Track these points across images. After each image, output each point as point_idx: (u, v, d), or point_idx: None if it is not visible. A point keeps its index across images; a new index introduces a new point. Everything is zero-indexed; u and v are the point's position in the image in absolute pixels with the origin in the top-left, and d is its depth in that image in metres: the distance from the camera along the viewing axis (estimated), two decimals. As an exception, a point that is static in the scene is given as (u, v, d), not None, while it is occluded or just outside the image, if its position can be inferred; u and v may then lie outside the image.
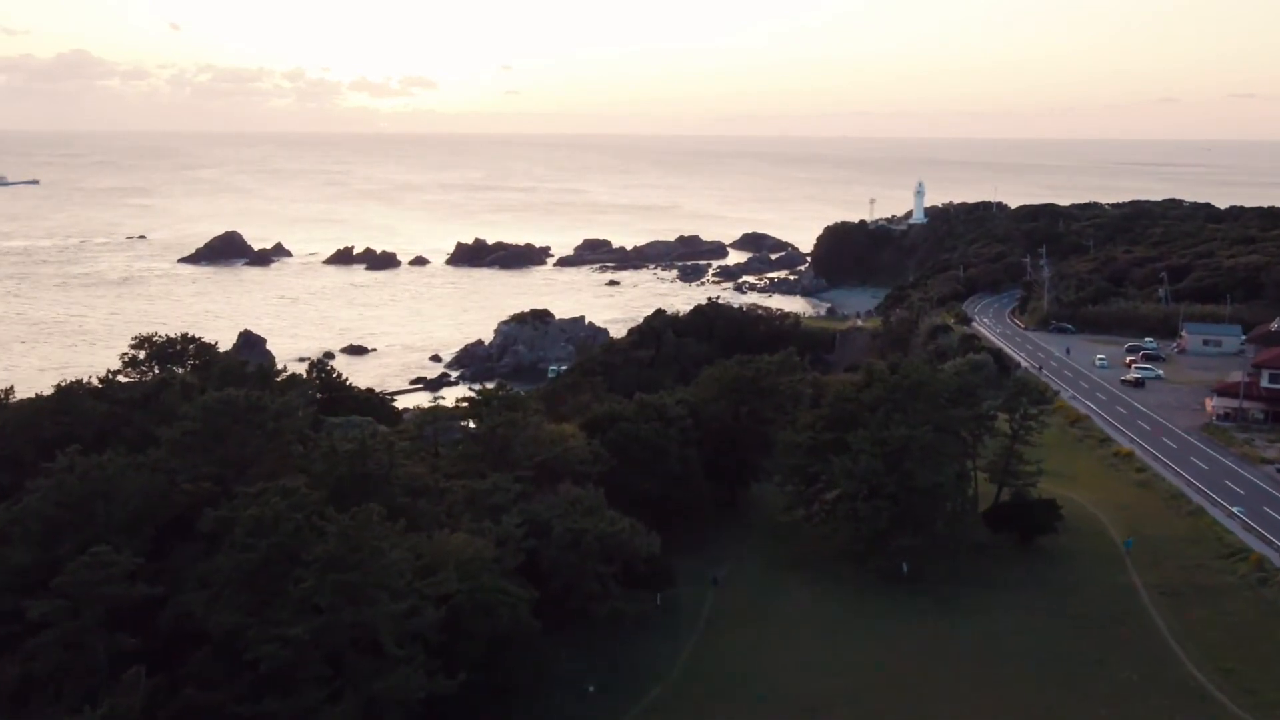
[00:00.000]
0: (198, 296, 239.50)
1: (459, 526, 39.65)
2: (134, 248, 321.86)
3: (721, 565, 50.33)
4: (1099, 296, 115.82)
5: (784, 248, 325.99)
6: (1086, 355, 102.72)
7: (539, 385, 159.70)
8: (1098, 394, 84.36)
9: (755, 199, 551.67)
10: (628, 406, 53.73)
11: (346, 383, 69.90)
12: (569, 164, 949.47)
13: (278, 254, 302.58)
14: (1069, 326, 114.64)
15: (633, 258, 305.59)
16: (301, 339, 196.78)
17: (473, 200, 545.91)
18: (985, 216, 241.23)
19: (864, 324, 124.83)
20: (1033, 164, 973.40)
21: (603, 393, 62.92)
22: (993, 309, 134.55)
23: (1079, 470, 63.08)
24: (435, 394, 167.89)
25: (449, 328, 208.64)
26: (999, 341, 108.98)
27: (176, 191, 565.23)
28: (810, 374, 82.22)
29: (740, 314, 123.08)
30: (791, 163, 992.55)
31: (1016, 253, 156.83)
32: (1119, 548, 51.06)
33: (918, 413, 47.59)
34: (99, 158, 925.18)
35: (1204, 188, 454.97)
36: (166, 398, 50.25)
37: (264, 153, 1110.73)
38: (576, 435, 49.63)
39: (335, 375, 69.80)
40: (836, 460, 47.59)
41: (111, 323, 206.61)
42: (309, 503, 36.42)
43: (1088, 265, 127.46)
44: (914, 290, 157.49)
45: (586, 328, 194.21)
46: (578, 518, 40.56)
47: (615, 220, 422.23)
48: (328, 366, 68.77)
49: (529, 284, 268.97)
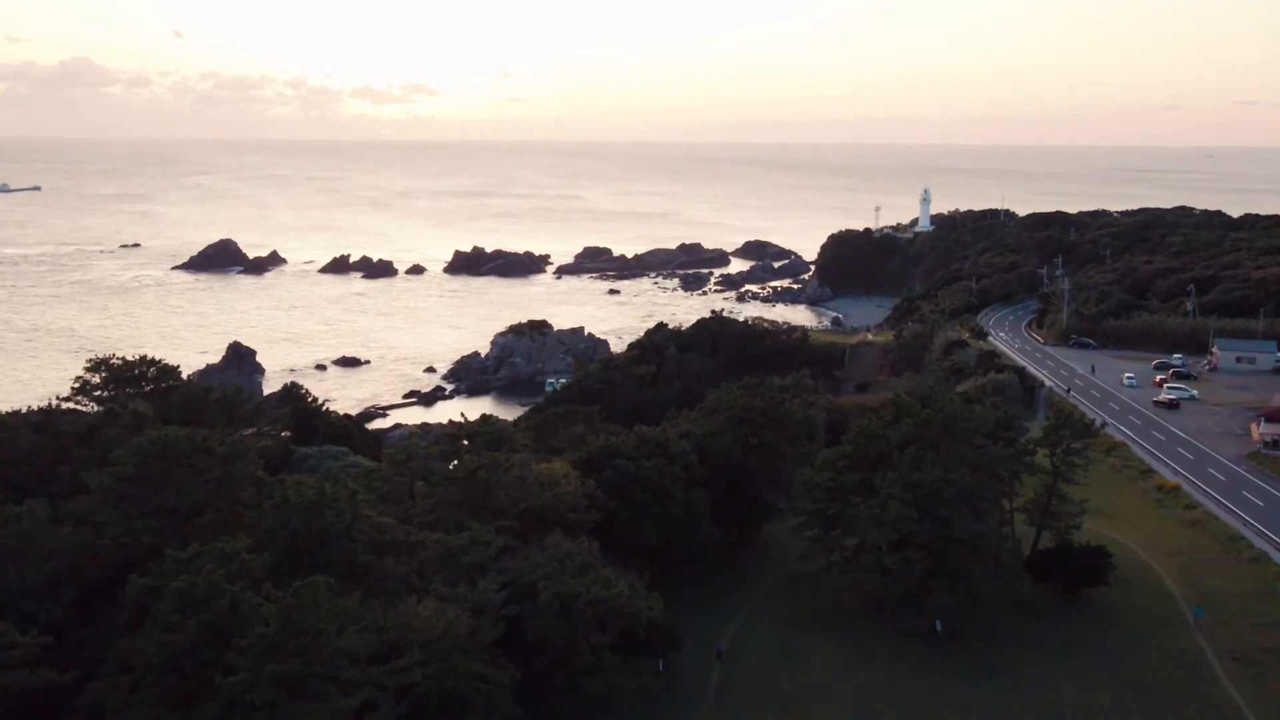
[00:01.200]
0: (189, 305, 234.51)
1: (430, 590, 34.23)
2: (128, 255, 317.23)
3: (732, 620, 44.88)
4: (1121, 310, 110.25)
5: (787, 256, 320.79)
6: (1111, 372, 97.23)
7: (535, 400, 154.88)
8: (1131, 417, 78.72)
9: (757, 206, 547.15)
10: (626, 440, 48.20)
11: (323, 407, 64.38)
12: (568, 171, 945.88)
13: (273, 262, 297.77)
14: (1090, 341, 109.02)
15: (633, 266, 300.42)
16: (294, 350, 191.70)
17: (470, 207, 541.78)
18: (994, 224, 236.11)
19: (874, 338, 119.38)
20: (1036, 171, 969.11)
21: (599, 422, 57.39)
22: (1008, 322, 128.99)
23: (1121, 507, 57.50)
24: (429, 408, 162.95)
25: (445, 338, 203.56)
26: (1019, 358, 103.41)
27: (173, 198, 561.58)
28: (823, 396, 76.84)
29: (745, 328, 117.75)
30: (792, 169, 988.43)
31: (1030, 263, 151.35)
32: (1179, 604, 45.47)
33: (952, 452, 42.12)
34: (100, 165, 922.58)
35: (1211, 195, 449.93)
36: (110, 432, 44.85)
37: (264, 160, 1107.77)
38: (569, 475, 44.13)
39: (310, 399, 64.32)
40: (862, 505, 42.11)
41: (100, 332, 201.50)
42: (252, 568, 30.99)
43: (1107, 276, 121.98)
44: (924, 301, 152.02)
45: (586, 339, 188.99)
46: (568, 578, 35.10)
47: (615, 228, 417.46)
48: (301, 390, 63.17)
49: (528, 293, 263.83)
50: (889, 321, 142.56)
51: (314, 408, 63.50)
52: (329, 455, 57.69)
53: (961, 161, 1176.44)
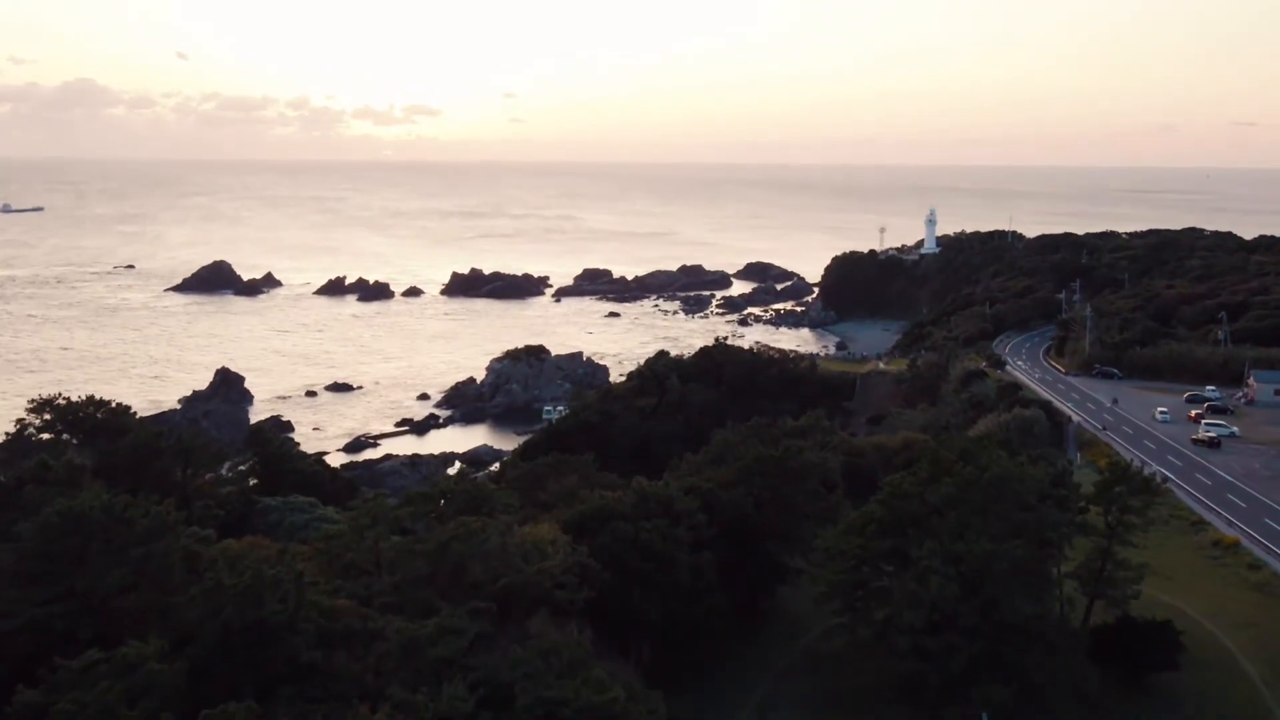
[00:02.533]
0: (180, 329, 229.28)
1: (387, 695, 28.45)
2: (121, 277, 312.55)
3: (743, 704, 39.04)
4: (1146, 337, 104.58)
5: (789, 277, 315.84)
6: (1139, 405, 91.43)
7: (531, 428, 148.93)
8: (1170, 457, 72.80)
9: (757, 226, 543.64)
10: (624, 498, 42.39)
11: (293, 450, 58.58)
12: (568, 190, 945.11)
13: (267, 284, 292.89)
14: (1115, 371, 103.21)
15: (634, 288, 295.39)
16: (284, 376, 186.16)
17: (468, 227, 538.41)
18: (1001, 246, 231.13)
19: (886, 367, 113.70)
20: (1036, 191, 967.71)
21: (593, 472, 51.59)
22: (1025, 349, 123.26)
23: (1175, 565, 51.62)
24: (421, 437, 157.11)
25: (441, 363, 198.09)
26: (1042, 389, 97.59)
27: (171, 219, 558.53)
28: (838, 436, 71.16)
29: (750, 357, 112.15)
30: (792, 190, 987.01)
31: (1045, 287, 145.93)
32: (1259, 688, 39.50)
33: (1001, 517, 36.41)
34: (100, 185, 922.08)
35: (1217, 216, 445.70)
36: (35, 491, 39.14)
37: (264, 180, 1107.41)
38: (557, 541, 38.36)
39: (278, 442, 58.56)
40: (895, 579, 36.34)
41: (81, 358, 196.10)
42: (162, 681, 25.26)
43: (1129, 302, 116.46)
44: (934, 327, 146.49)
45: (584, 364, 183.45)
46: (552, 680, 29.34)
47: (615, 248, 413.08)
48: (268, 432, 57.40)
49: (526, 316, 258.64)
50: (899, 348, 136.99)
51: (282, 451, 57.75)
52: (295, 507, 52.03)
53: (960, 182, 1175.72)
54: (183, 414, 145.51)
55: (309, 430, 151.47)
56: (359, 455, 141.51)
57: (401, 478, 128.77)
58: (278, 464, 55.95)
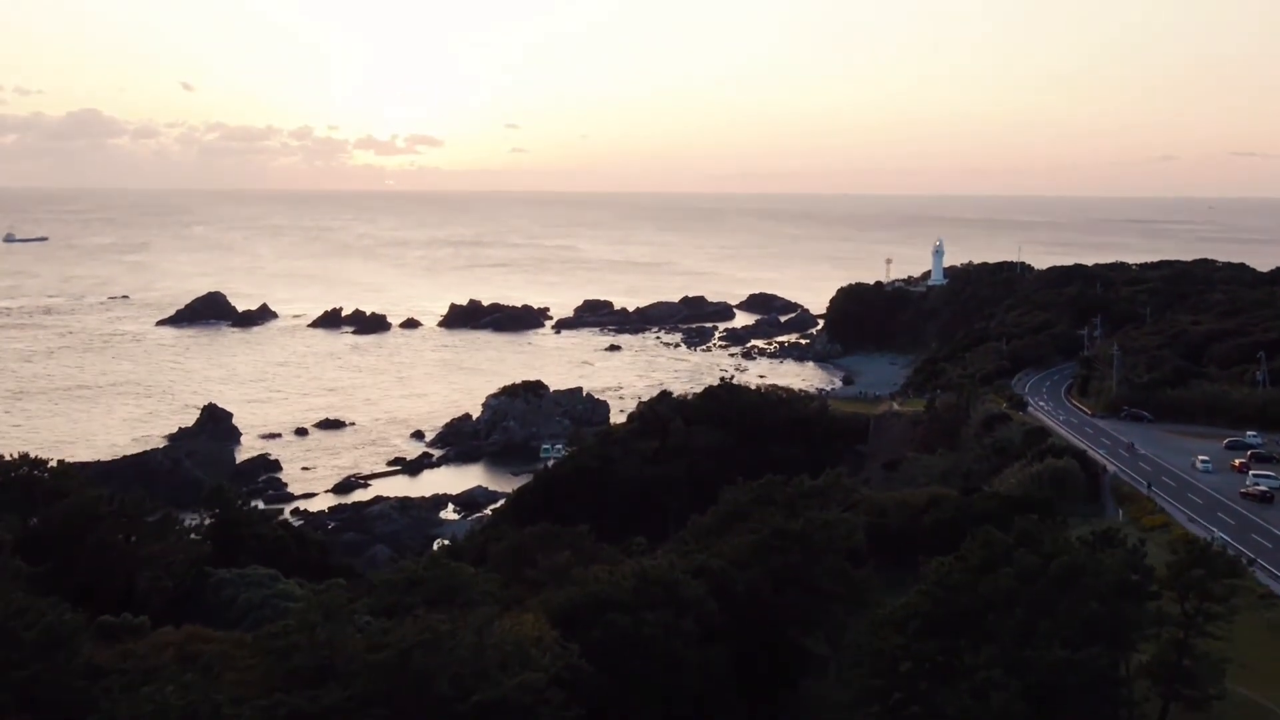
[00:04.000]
0: (170, 362, 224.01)
1: None
2: (114, 308, 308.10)
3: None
4: (1177, 378, 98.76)
5: (794, 309, 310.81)
6: (1173, 451, 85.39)
7: (529, 468, 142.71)
8: (1219, 514, 66.66)
9: (758, 256, 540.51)
10: (622, 582, 36.42)
11: (255, 512, 52.57)
12: (567, 220, 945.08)
13: (263, 316, 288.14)
14: (1145, 414, 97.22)
15: (635, 320, 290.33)
16: (274, 412, 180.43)
17: (467, 257, 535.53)
18: (1011, 278, 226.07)
19: (900, 408, 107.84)
20: (1037, 221, 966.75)
21: (589, 543, 45.60)
22: (1046, 388, 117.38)
23: (1250, 650, 45.37)
24: (414, 477, 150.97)
25: (436, 398, 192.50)
26: (1069, 433, 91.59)
27: (170, 248, 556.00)
28: (860, 492, 65.18)
29: (758, 397, 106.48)
30: (793, 219, 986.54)
31: (1063, 321, 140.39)
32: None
33: (1072, 615, 30.55)
34: (103, 214, 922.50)
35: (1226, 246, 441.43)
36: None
37: (265, 209, 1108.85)
38: (544, 638, 32.40)
39: (240, 502, 52.58)
40: (947, 691, 30.37)
41: (73, 389, 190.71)
42: None
43: (1155, 339, 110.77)
44: (947, 363, 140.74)
45: (584, 400, 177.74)
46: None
47: (615, 278, 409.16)
48: (228, 492, 51.43)
49: (525, 348, 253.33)
50: (912, 385, 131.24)
51: (243, 513, 51.76)
52: (252, 581, 46.04)
53: (960, 211, 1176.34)
54: (165, 453, 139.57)
55: (297, 470, 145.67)
56: (348, 497, 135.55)
57: (391, 522, 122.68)
58: (237, 528, 50.01)
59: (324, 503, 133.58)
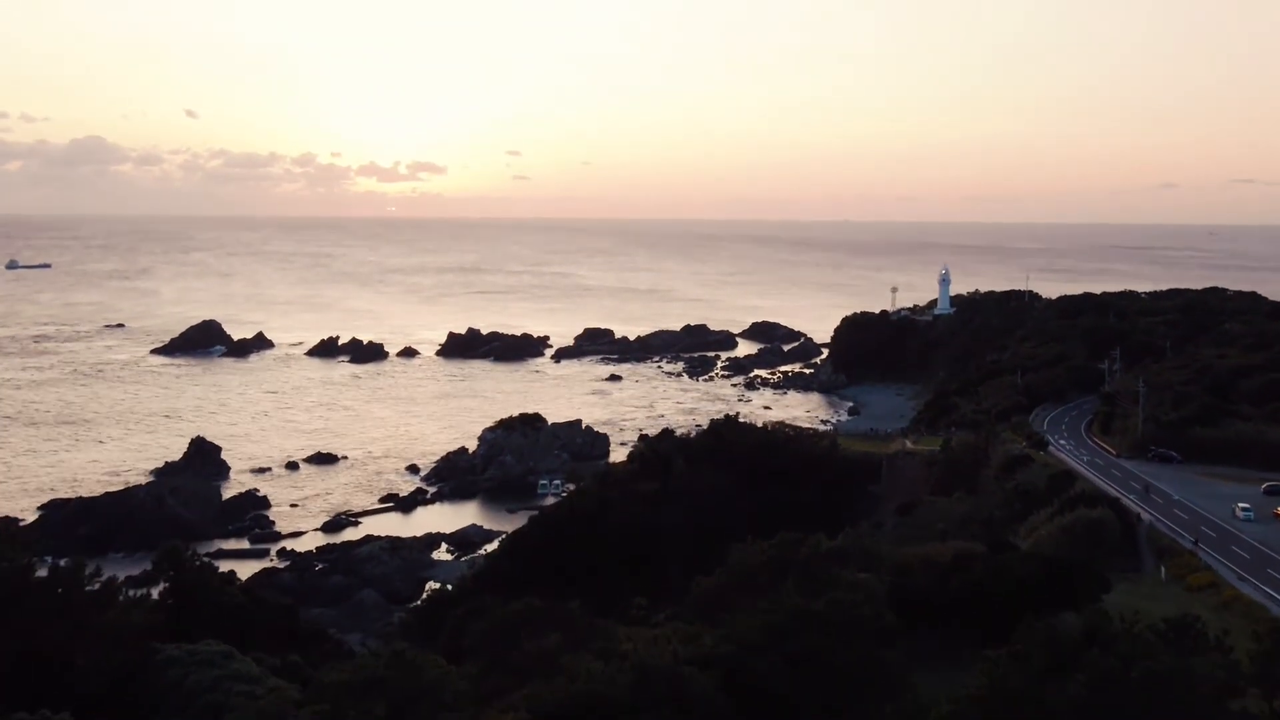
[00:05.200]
0: (161, 392, 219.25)
1: None
2: (108, 336, 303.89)
3: None
4: (1208, 415, 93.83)
5: (797, 337, 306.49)
6: (1206, 496, 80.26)
7: (525, 506, 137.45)
8: (1270, 571, 61.50)
9: (759, 284, 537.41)
10: (619, 678, 31.39)
11: (212, 577, 47.42)
12: (566, 246, 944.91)
13: (258, 344, 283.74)
14: (1174, 455, 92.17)
15: (636, 348, 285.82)
16: (266, 445, 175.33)
17: (466, 283, 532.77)
18: (1020, 307, 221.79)
19: (914, 446, 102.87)
20: (1038, 249, 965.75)
21: (580, 621, 40.50)
22: (1065, 424, 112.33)
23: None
24: (407, 514, 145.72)
25: (434, 430, 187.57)
26: (1094, 475, 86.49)
27: (169, 275, 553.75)
28: (882, 547, 60.05)
29: (765, 434, 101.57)
30: (790, 246, 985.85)
31: (1079, 354, 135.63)
32: None
33: (1155, 730, 25.52)
34: (105, 241, 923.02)
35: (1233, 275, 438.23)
36: None
37: (266, 235, 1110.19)
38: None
39: (198, 561, 47.38)
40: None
41: (58, 421, 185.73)
42: None
43: (1179, 373, 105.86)
44: (959, 397, 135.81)
45: (584, 433, 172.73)
46: None
47: (615, 307, 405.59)
48: (185, 554, 46.23)
49: (524, 378, 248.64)
50: (923, 421, 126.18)
51: (201, 575, 46.63)
52: (203, 659, 40.88)
53: (960, 238, 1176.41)
54: (147, 490, 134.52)
55: (286, 507, 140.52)
56: (337, 536, 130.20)
57: (381, 564, 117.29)
58: (192, 594, 44.89)
59: (312, 542, 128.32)
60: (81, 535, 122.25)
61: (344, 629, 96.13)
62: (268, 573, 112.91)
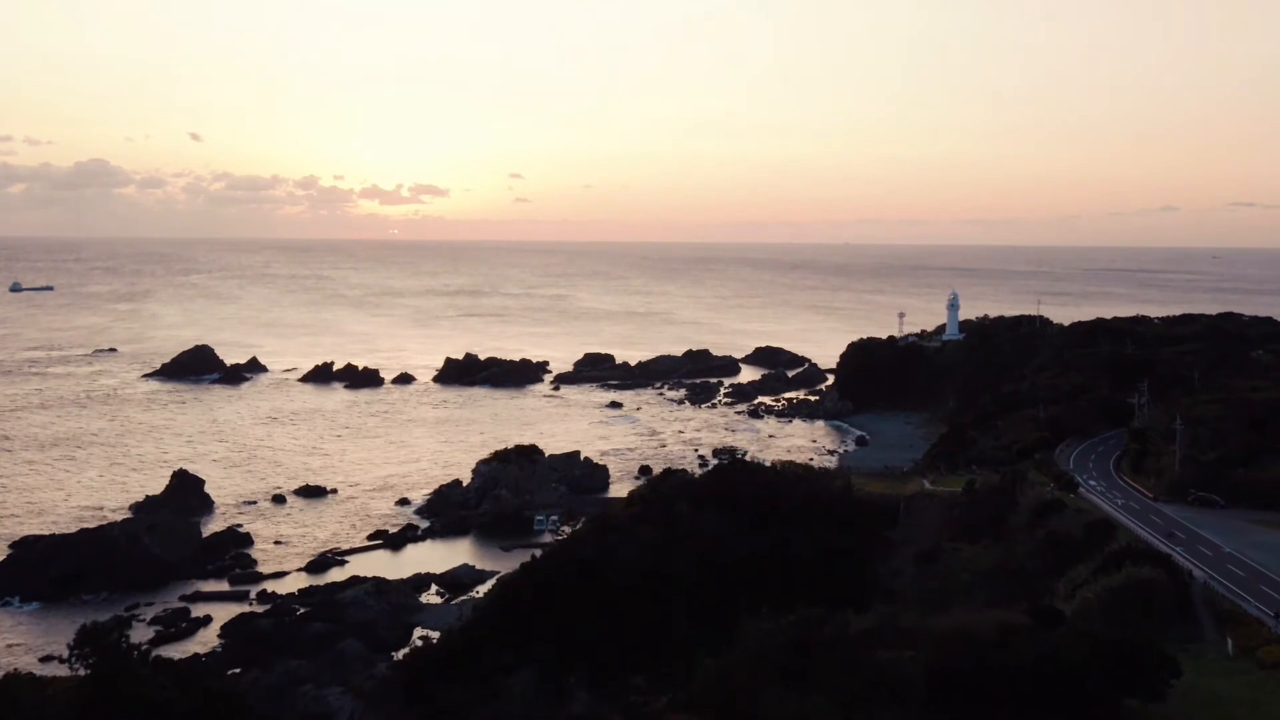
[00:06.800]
0: (148, 420, 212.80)
1: None
2: (99, 361, 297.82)
3: None
4: (1250, 455, 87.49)
5: (801, 363, 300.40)
6: (1258, 548, 73.65)
7: (522, 543, 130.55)
8: (1346, 641, 54.88)
9: (760, 308, 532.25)
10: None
11: (140, 664, 40.62)
12: (566, 269, 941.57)
13: (251, 369, 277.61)
14: (1217, 499, 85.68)
15: (637, 375, 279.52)
16: (252, 477, 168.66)
17: (464, 307, 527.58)
18: (1032, 333, 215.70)
19: (932, 487, 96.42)
20: (1043, 272, 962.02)
21: None
22: (1092, 461, 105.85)
23: None
24: (396, 552, 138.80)
25: (427, 460, 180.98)
26: (1131, 522, 79.96)
27: (165, 298, 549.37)
28: (914, 627, 53.34)
29: (773, 475, 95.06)
30: (790, 269, 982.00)
31: (1102, 385, 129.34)
32: None
33: None
34: (107, 263, 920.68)
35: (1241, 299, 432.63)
36: None
37: (266, 258, 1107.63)
38: None
39: (124, 641, 40.58)
40: None
41: (35, 451, 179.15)
42: None
43: (1213, 408, 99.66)
44: (977, 431, 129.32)
45: (582, 464, 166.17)
46: None
47: (615, 331, 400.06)
48: (104, 636, 39.44)
49: (523, 406, 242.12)
50: (940, 456, 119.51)
51: (127, 656, 39.96)
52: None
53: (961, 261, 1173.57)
54: (122, 528, 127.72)
55: (269, 545, 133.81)
56: (321, 577, 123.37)
57: (365, 609, 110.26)
58: (115, 685, 38.14)
59: (295, 583, 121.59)
60: (53, 576, 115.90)
61: (322, 683, 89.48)
62: (245, 619, 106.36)
